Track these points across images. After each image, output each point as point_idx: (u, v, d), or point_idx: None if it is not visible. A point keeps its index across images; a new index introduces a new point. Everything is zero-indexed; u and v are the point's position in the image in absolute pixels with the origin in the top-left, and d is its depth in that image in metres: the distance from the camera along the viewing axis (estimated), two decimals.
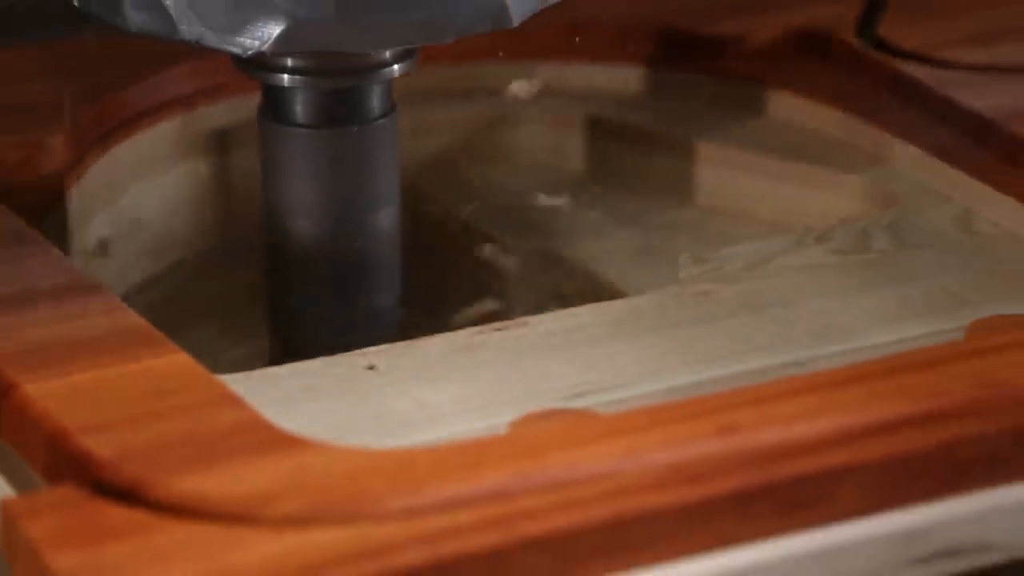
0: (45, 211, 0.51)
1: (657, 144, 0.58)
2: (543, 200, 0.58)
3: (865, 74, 0.57)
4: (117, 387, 0.39)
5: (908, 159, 0.54)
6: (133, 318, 0.42)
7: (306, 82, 0.48)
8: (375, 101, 0.48)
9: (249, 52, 0.45)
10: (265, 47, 0.44)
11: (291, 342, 0.50)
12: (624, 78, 0.60)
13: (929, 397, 0.39)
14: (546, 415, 0.40)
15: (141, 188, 0.56)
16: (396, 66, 0.48)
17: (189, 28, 0.45)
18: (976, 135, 0.53)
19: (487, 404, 0.43)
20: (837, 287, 0.48)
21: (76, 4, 0.47)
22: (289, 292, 0.50)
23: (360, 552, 0.34)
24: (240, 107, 0.58)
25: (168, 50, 0.56)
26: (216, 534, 0.35)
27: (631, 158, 0.58)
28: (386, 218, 0.49)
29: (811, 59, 0.58)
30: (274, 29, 0.44)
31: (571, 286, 0.55)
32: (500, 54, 0.60)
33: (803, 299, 0.48)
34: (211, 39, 0.45)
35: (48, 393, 0.39)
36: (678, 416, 0.39)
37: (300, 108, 0.48)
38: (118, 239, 0.55)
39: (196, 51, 0.55)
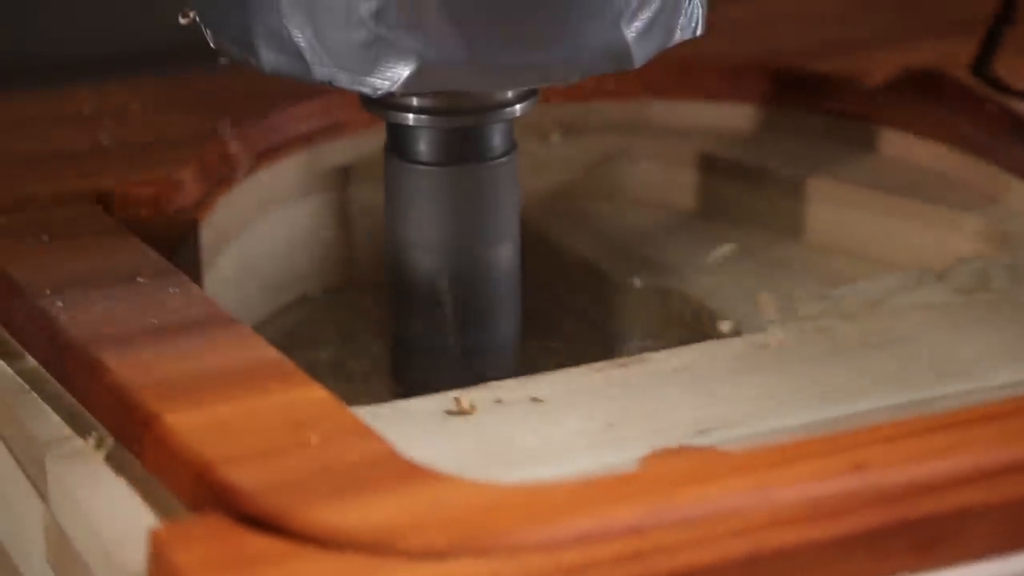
0: (175, 246, 0.52)
1: (770, 181, 0.58)
2: (657, 236, 0.58)
3: (980, 113, 0.57)
4: (255, 419, 0.39)
5: (1022, 198, 0.54)
6: (269, 351, 0.42)
7: (431, 121, 0.48)
8: (497, 140, 0.49)
9: (379, 92, 0.45)
10: (395, 88, 0.45)
11: (412, 373, 0.51)
12: (736, 116, 0.60)
13: None
14: (674, 452, 0.40)
15: (266, 223, 0.57)
16: (518, 106, 0.49)
17: (322, 69, 0.45)
18: None
19: (611, 439, 0.43)
20: (958, 325, 0.48)
21: (212, 45, 0.48)
22: (411, 324, 0.50)
23: None
24: (361, 144, 0.58)
25: (291, 87, 0.58)
26: (357, 564, 0.35)
27: (745, 195, 0.58)
28: (506, 253, 0.50)
29: (925, 97, 0.58)
30: (404, 70, 0.44)
31: (687, 322, 0.55)
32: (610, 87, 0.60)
33: (924, 337, 0.47)
34: (343, 80, 0.45)
35: (189, 424, 0.39)
36: (808, 453, 0.38)
37: (424, 146, 0.49)
38: (244, 274, 0.56)
39: (319, 89, 0.57)
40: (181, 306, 0.44)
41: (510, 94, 0.48)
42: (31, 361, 0.45)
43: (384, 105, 0.48)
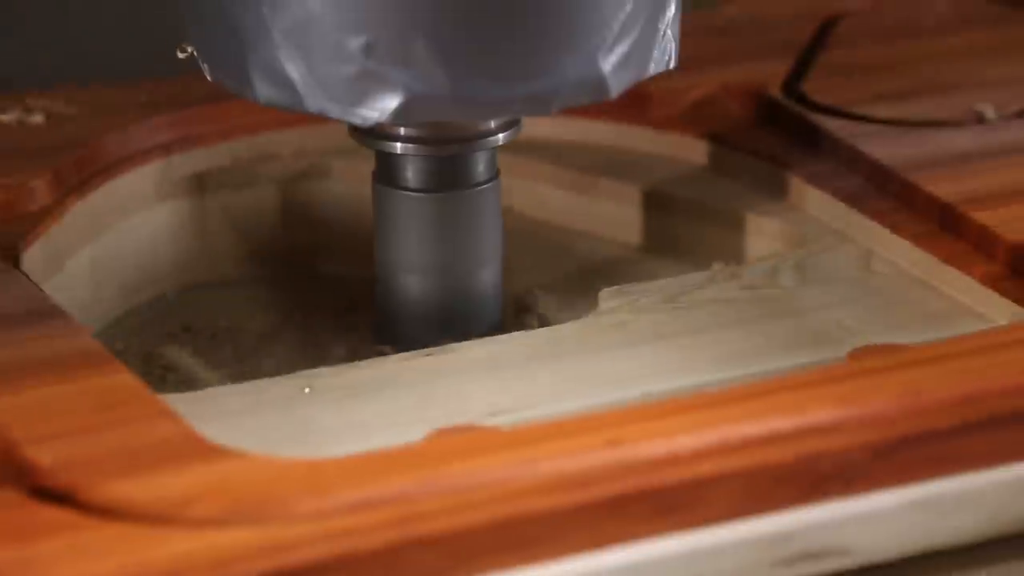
0: (27, 244, 0.52)
1: (594, 191, 0.60)
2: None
3: (786, 127, 0.58)
4: (64, 402, 0.40)
5: (817, 204, 0.56)
6: (87, 341, 0.44)
7: (418, 150, 0.49)
8: (481, 168, 0.50)
9: (368, 123, 0.46)
10: (383, 118, 0.45)
11: None
12: (570, 128, 0.61)
13: (796, 414, 0.40)
14: (456, 430, 0.42)
15: (122, 227, 0.58)
16: (501, 135, 0.49)
17: (314, 101, 0.46)
18: (878, 182, 0.54)
19: (408, 421, 0.44)
20: (743, 318, 0.49)
21: (209, 78, 0.48)
22: (398, 342, 0.51)
23: (268, 549, 0.36)
24: (215, 154, 0.60)
25: (150, 101, 0.59)
26: (138, 533, 0.36)
27: (568, 202, 0.60)
28: (489, 275, 0.51)
29: (739, 113, 0.60)
30: (392, 102, 0.45)
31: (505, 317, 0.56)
32: None
33: (710, 329, 0.49)
34: (334, 111, 0.46)
35: (2, 408, 0.40)
36: (571, 430, 0.40)
37: (411, 174, 0.49)
38: (100, 275, 0.57)
39: (175, 103, 0.58)
40: (8, 300, 0.45)
41: (493, 124, 0.49)
42: None
43: (373, 135, 0.49)
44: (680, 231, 0.58)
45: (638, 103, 0.61)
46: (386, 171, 0.50)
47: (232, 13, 0.46)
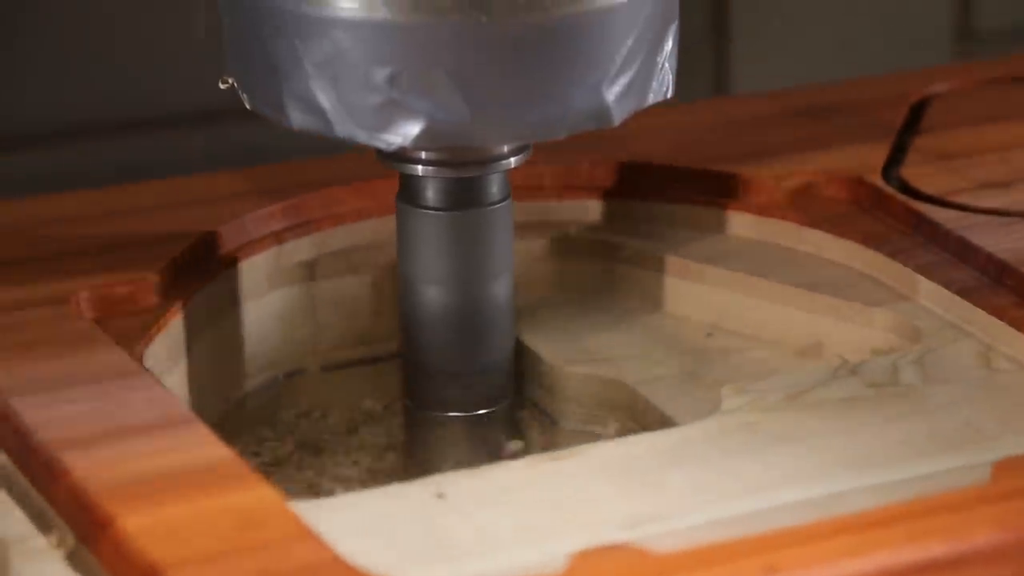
0: (150, 339, 0.49)
1: (701, 277, 0.56)
2: (595, 327, 0.56)
3: (890, 215, 0.55)
4: (205, 521, 0.37)
5: (930, 296, 0.52)
6: (224, 451, 0.40)
7: (437, 172, 0.49)
8: (495, 188, 0.50)
9: (392, 147, 0.46)
10: (406, 143, 0.46)
11: (422, 392, 0.51)
12: (669, 212, 0.58)
13: (956, 539, 0.36)
14: (600, 551, 0.38)
15: (236, 315, 0.54)
16: (513, 159, 0.50)
17: (342, 127, 0.46)
18: (993, 276, 0.51)
19: (544, 533, 0.40)
20: (871, 419, 0.46)
21: (248, 106, 0.48)
22: (420, 350, 0.51)
23: None
24: (323, 241, 0.56)
25: (259, 189, 0.56)
26: None
27: (676, 289, 0.56)
28: (501, 286, 0.51)
29: (841, 200, 0.56)
30: (414, 128, 0.46)
31: (621, 409, 0.53)
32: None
33: (839, 431, 0.45)
34: (361, 136, 0.46)
35: (142, 527, 0.37)
36: (725, 555, 0.36)
37: (432, 194, 0.50)
38: (216, 362, 0.53)
39: (281, 190, 0.56)
40: (143, 407, 0.42)
41: (506, 148, 0.50)
42: (2, 457, 0.42)
43: (397, 158, 0.49)
44: (789, 321, 0.54)
45: (738, 189, 0.57)
46: (408, 191, 0.50)
47: (268, 47, 0.47)
